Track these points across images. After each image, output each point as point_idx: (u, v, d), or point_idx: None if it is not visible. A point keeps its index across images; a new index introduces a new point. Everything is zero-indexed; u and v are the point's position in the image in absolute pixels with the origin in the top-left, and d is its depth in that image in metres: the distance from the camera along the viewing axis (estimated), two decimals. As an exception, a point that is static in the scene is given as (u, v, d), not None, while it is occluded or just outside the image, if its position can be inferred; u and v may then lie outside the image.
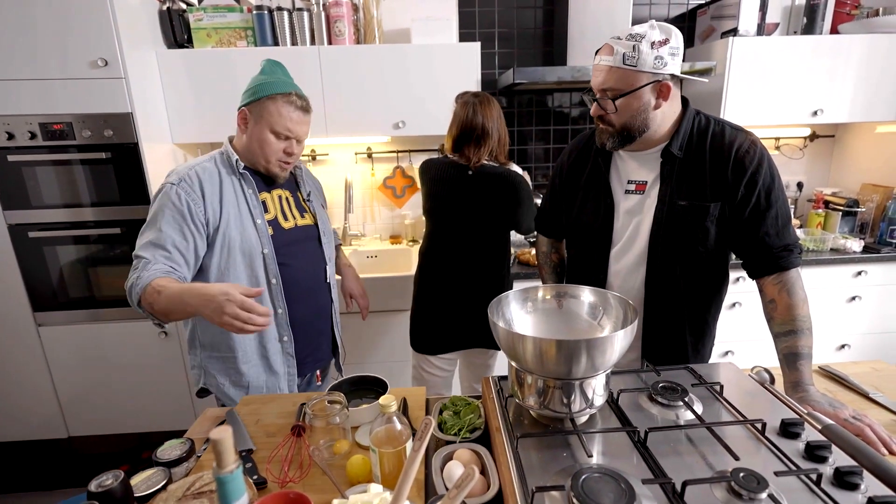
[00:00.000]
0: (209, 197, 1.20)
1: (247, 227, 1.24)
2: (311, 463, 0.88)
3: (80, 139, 1.85)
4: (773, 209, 1.10)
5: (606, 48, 1.08)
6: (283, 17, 2.06)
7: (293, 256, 1.31)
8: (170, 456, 0.86)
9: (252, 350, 1.30)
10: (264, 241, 1.25)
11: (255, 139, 1.24)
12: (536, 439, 0.84)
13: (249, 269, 1.25)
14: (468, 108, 1.57)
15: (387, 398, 0.80)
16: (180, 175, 1.19)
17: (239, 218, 1.23)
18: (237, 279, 1.23)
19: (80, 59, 1.76)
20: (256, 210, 1.26)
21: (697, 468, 0.76)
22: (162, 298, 1.04)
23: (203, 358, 1.31)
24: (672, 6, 2.40)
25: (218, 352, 1.29)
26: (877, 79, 2.19)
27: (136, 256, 1.14)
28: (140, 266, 1.12)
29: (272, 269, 1.27)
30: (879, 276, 2.22)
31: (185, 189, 1.18)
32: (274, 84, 1.22)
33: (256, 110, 1.22)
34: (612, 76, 1.07)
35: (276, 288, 1.28)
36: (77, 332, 2.05)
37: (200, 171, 1.22)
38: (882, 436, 0.88)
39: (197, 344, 1.31)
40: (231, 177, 1.26)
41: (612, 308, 0.94)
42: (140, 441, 2.22)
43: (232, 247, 1.22)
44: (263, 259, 1.26)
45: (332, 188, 2.53)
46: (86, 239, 1.98)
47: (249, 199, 1.26)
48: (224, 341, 1.28)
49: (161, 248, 1.14)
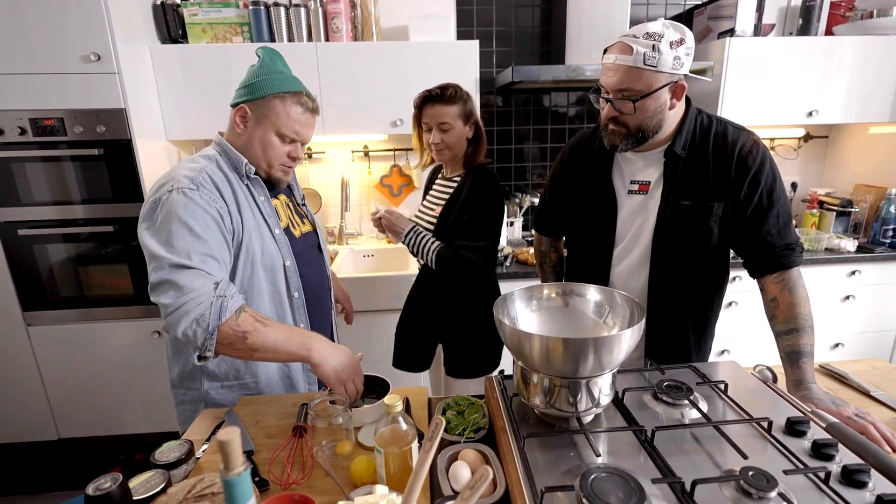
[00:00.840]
0: (230, 205, 1.05)
1: (266, 239, 1.11)
2: (314, 464, 0.86)
3: (71, 135, 1.82)
4: (774, 208, 1.10)
5: (622, 46, 1.03)
6: (280, 13, 2.04)
7: (306, 266, 1.22)
8: (168, 458, 0.84)
9: (275, 371, 1.19)
10: (285, 252, 1.14)
11: (256, 140, 1.10)
12: (542, 439, 0.83)
13: (272, 285, 1.13)
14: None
15: (392, 398, 0.79)
16: (193, 180, 1.01)
17: (258, 228, 1.10)
18: (259, 296, 1.11)
19: (73, 54, 1.73)
20: (272, 219, 1.14)
21: (705, 467, 0.76)
22: (269, 334, 0.93)
23: (210, 391, 1.15)
24: (669, 6, 2.41)
25: (236, 380, 1.16)
26: (870, 80, 2.21)
27: (183, 266, 0.93)
28: (195, 279, 0.93)
29: (294, 282, 1.17)
30: (873, 275, 2.24)
31: (208, 196, 1.01)
32: (280, 80, 1.09)
33: (260, 109, 1.09)
34: (631, 76, 1.02)
35: (297, 302, 1.18)
36: (67, 331, 2.02)
37: (213, 176, 1.05)
38: (886, 433, 0.88)
39: (199, 376, 1.15)
40: (240, 181, 1.11)
41: (618, 307, 0.93)
42: (133, 443, 2.18)
43: (255, 261, 1.09)
44: (285, 272, 1.14)
45: (328, 187, 2.51)
46: (77, 237, 1.94)
47: (263, 206, 1.13)
48: (244, 367, 1.15)
49: (212, 258, 0.98)
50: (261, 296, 1.12)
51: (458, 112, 1.39)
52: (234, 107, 1.12)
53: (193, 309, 0.91)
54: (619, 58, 1.03)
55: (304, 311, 1.21)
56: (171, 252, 0.95)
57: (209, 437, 0.99)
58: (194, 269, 0.94)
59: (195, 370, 1.15)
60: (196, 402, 1.17)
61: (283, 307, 1.17)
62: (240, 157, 1.11)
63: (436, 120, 1.38)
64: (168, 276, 0.93)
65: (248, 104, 1.09)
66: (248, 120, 1.11)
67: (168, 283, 0.93)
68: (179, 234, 0.96)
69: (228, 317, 0.93)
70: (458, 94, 1.39)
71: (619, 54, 1.03)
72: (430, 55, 2.07)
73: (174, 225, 0.96)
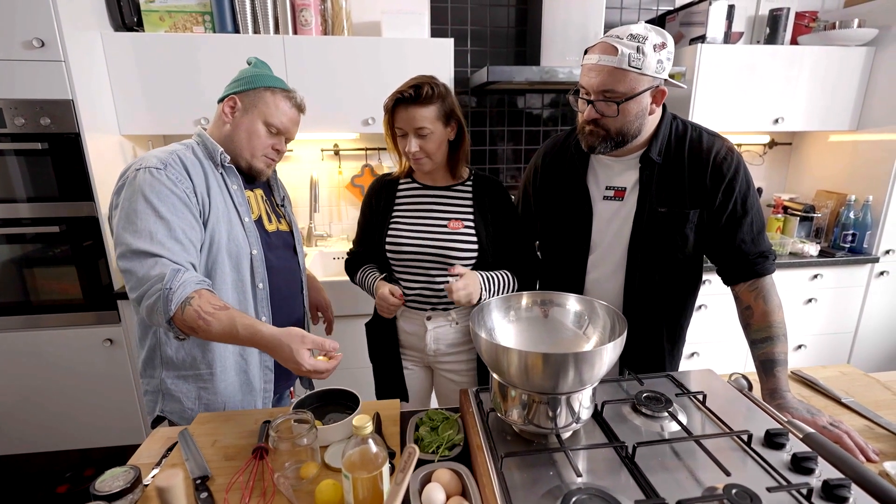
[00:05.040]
0: (198, 187, 1.05)
1: (234, 226, 1.11)
2: (276, 490, 0.80)
3: (11, 127, 1.68)
4: (748, 216, 1.10)
5: (605, 47, 0.99)
6: (245, 3, 1.94)
7: (275, 261, 1.20)
8: (111, 488, 0.76)
9: (231, 365, 1.16)
10: (252, 241, 1.13)
11: (243, 129, 1.12)
12: (521, 458, 0.79)
13: (236, 272, 1.12)
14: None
15: (361, 419, 0.73)
16: (162, 160, 1.02)
17: (227, 214, 1.10)
18: (222, 282, 1.10)
19: (12, 39, 1.59)
20: (243, 208, 1.14)
21: (688, 485, 0.73)
22: (213, 330, 0.92)
23: (166, 379, 1.13)
24: (642, 11, 2.43)
25: (191, 370, 1.13)
26: (831, 89, 2.28)
27: (143, 253, 0.94)
28: (153, 268, 0.93)
29: (259, 273, 1.15)
30: (833, 279, 2.32)
31: (174, 174, 1.01)
32: (272, 79, 1.15)
33: (250, 99, 1.12)
34: (615, 78, 0.99)
35: (261, 293, 1.16)
36: (9, 339, 1.87)
37: (183, 158, 1.06)
38: (860, 443, 0.88)
39: (158, 363, 1.13)
40: (214, 169, 1.11)
41: (598, 317, 0.90)
42: (82, 458, 2.04)
43: (219, 246, 1.08)
44: (251, 261, 1.13)
45: (296, 186, 2.41)
46: (21, 238, 1.80)
47: (235, 195, 1.13)
48: (201, 357, 1.13)
49: (175, 240, 0.97)
50: (224, 283, 1.11)
51: (436, 113, 1.18)
52: (221, 101, 1.15)
53: (147, 299, 0.94)
54: (602, 58, 0.99)
55: (266, 303, 1.17)
56: (134, 234, 0.96)
57: (160, 460, 0.91)
58: (153, 255, 0.95)
59: (154, 356, 1.14)
60: (157, 391, 1.15)
61: (245, 296, 1.14)
62: (216, 145, 1.12)
63: (411, 125, 1.17)
64: (129, 266, 0.95)
65: (238, 95, 1.12)
66: (237, 110, 1.13)
67: (128, 272, 0.96)
68: (143, 213, 0.97)
69: (174, 309, 0.92)
70: (434, 93, 1.17)
71: (602, 54, 0.99)
72: (404, 52, 2.01)
73: (139, 204, 0.97)
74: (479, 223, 1.28)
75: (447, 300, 1.26)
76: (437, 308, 1.31)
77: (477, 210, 1.29)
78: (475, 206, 1.29)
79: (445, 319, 1.32)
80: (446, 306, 1.31)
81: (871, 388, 1.13)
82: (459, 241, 1.26)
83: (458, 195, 1.31)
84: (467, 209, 1.29)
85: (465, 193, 1.31)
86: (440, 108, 1.19)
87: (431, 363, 1.39)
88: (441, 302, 1.30)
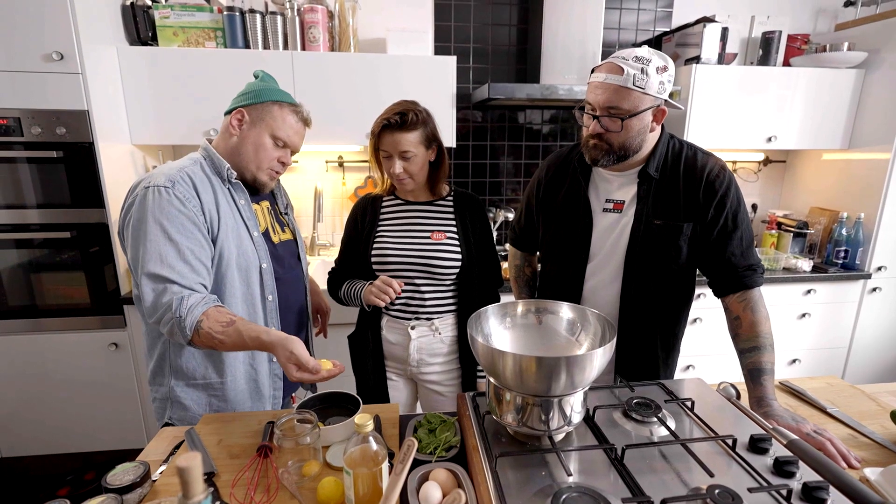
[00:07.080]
0: (207, 204, 1.08)
1: (243, 240, 1.14)
2: (280, 486, 0.83)
3: (28, 136, 1.74)
4: (738, 230, 1.14)
5: (612, 66, 1.06)
6: (256, 20, 2.01)
7: (283, 272, 1.23)
8: (121, 481, 0.79)
9: (242, 374, 1.19)
10: (262, 254, 1.17)
11: (250, 142, 1.14)
12: (514, 458, 0.82)
13: (245, 286, 1.15)
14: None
15: (363, 417, 0.77)
16: (170, 178, 1.04)
17: (236, 230, 1.13)
18: (232, 296, 1.13)
19: (33, 52, 1.66)
20: (251, 222, 1.17)
21: (673, 485, 0.77)
22: (227, 345, 1.00)
23: (175, 387, 1.15)
24: (640, 31, 2.50)
25: (202, 379, 1.16)
26: (823, 109, 2.35)
27: (154, 276, 0.99)
28: (163, 294, 0.99)
29: (269, 286, 1.18)
30: (827, 294, 2.36)
31: (183, 193, 1.04)
32: (279, 93, 1.18)
33: (257, 112, 1.14)
34: (619, 95, 1.05)
35: (271, 305, 1.19)
36: (16, 343, 1.90)
37: (192, 175, 1.08)
38: (842, 450, 0.91)
39: (167, 372, 1.15)
40: (222, 185, 1.14)
41: (590, 325, 0.94)
42: (84, 461, 2.06)
43: (229, 261, 1.11)
44: (261, 274, 1.16)
45: (301, 197, 2.47)
46: (30, 243, 1.84)
47: (243, 209, 1.16)
48: (212, 366, 1.15)
49: (185, 262, 1.01)
50: (233, 296, 1.14)
51: (419, 138, 1.27)
52: (228, 113, 1.17)
53: (164, 326, 1.01)
54: (609, 77, 1.06)
55: (276, 314, 1.21)
56: (145, 256, 1.01)
57: (167, 457, 0.94)
58: (163, 279, 1.00)
59: (164, 365, 1.16)
60: (164, 399, 1.17)
61: (255, 308, 1.18)
62: (223, 161, 1.14)
63: (397, 149, 1.26)
64: (142, 290, 1.01)
65: (246, 108, 1.14)
66: (244, 122, 1.15)
67: (142, 296, 1.02)
68: (153, 236, 1.01)
69: (191, 335, 0.99)
70: (418, 119, 1.26)
71: (609, 73, 1.06)
72: (409, 69, 2.08)
73: (149, 226, 1.01)
74: (461, 235, 1.36)
75: (430, 310, 1.36)
76: (420, 317, 1.37)
77: (459, 223, 1.37)
78: (457, 220, 1.37)
79: (429, 329, 1.38)
80: (429, 316, 1.37)
81: (856, 398, 1.17)
82: (443, 251, 1.33)
83: (440, 209, 1.39)
84: (450, 222, 1.37)
85: (447, 208, 1.39)
86: (423, 132, 1.28)
87: (415, 375, 1.44)
88: (425, 312, 1.36)
